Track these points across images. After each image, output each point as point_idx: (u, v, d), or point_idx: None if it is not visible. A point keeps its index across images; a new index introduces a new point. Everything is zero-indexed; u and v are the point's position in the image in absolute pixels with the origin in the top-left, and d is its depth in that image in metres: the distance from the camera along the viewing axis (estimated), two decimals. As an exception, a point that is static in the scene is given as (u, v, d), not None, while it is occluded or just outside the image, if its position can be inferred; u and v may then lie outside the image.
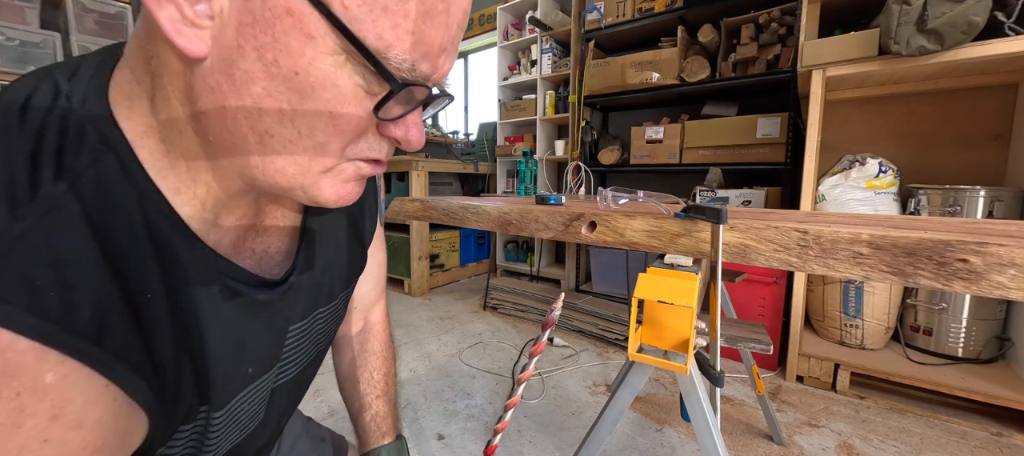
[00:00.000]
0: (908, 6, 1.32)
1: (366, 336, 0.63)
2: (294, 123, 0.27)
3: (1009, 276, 0.38)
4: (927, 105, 1.83)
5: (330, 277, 0.46)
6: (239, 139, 0.27)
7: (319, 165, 0.29)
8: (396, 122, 0.31)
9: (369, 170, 0.33)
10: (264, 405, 0.42)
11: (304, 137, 0.27)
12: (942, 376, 1.48)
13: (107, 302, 0.25)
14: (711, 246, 0.54)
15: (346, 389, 0.62)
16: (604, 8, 2.49)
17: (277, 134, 0.27)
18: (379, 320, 0.65)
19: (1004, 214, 1.49)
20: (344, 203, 0.33)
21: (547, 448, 1.29)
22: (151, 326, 0.28)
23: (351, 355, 0.61)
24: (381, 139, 0.32)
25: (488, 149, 3.49)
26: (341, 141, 0.29)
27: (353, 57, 0.26)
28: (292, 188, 0.30)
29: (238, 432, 0.40)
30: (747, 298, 1.79)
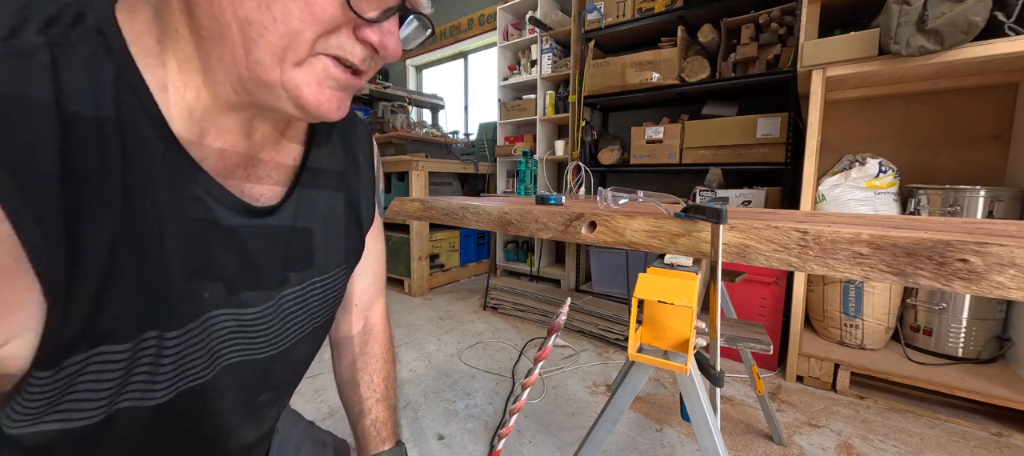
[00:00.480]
0: (908, 6, 1.32)
1: (366, 338, 0.62)
2: (271, 8, 0.29)
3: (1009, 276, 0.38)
4: (927, 105, 1.83)
5: (326, 245, 0.45)
6: (224, 28, 0.29)
7: (293, 55, 0.30)
8: (372, 27, 0.32)
9: (345, 77, 0.33)
10: (256, 376, 0.41)
11: (279, 24, 0.29)
12: (942, 376, 1.48)
13: (41, 157, 0.24)
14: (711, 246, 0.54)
15: (346, 393, 0.61)
16: (604, 8, 2.49)
17: (255, 21, 0.29)
18: (379, 321, 0.64)
19: (1004, 214, 1.49)
20: (326, 111, 0.33)
21: (547, 448, 1.29)
22: (87, 208, 0.27)
23: (351, 358, 0.61)
24: (356, 42, 0.33)
25: (488, 149, 3.49)
26: (313, 29, 0.30)
27: None
28: (272, 83, 0.31)
29: (214, 402, 0.38)
30: (747, 298, 1.79)
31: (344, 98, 0.35)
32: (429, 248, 2.98)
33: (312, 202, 0.43)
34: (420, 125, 3.62)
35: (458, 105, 4.54)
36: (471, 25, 4.09)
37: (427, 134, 3.47)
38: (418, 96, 3.72)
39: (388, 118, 3.37)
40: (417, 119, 3.81)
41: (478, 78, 4.44)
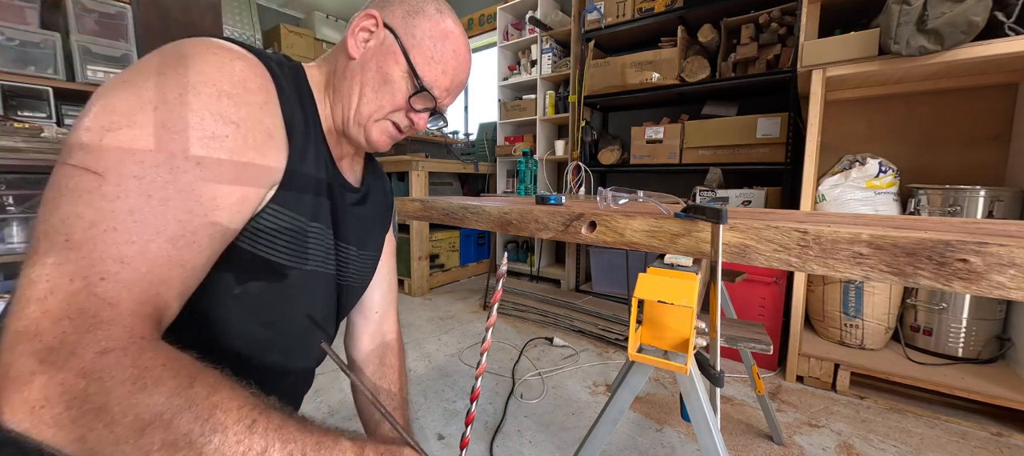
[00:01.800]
0: (908, 6, 1.32)
1: (384, 351, 0.75)
2: (376, 92, 0.57)
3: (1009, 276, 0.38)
4: (927, 105, 1.83)
5: (376, 228, 0.71)
6: (353, 92, 0.57)
7: (376, 115, 0.58)
8: (416, 113, 0.60)
9: (395, 132, 0.61)
10: (324, 286, 0.60)
11: (378, 100, 0.57)
12: (942, 376, 1.48)
13: (289, 99, 0.51)
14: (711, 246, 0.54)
15: (365, 407, 0.70)
16: (604, 8, 2.49)
17: (366, 95, 0.57)
18: (394, 334, 0.78)
19: (1004, 214, 1.49)
20: (380, 147, 0.62)
21: (547, 448, 1.29)
22: (294, 138, 0.51)
23: (371, 370, 0.73)
24: (405, 117, 0.60)
25: (488, 149, 3.49)
26: (391, 107, 0.58)
27: (409, 76, 0.57)
28: (360, 124, 0.58)
29: (307, 302, 0.57)
30: (747, 298, 1.79)
31: (389, 142, 0.62)
32: (429, 248, 2.98)
33: (370, 196, 0.69)
34: (420, 125, 3.62)
35: (458, 105, 4.54)
36: (471, 25, 4.09)
37: (427, 134, 3.47)
38: (418, 96, 3.71)
39: (388, 118, 3.37)
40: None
41: (478, 78, 4.44)
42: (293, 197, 0.50)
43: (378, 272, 0.73)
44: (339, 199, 0.60)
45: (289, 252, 0.52)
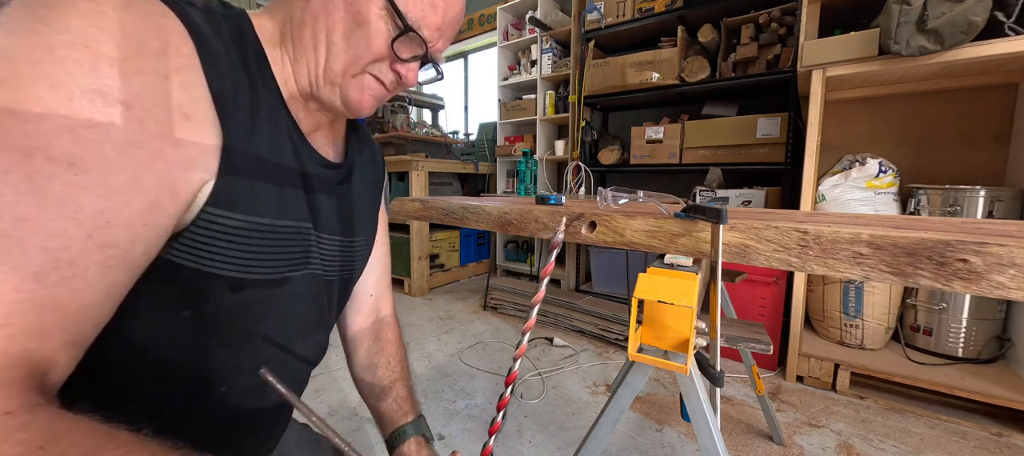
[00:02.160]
0: (908, 6, 1.32)
1: (379, 327, 0.68)
2: (347, 40, 0.43)
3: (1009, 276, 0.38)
4: (927, 105, 1.83)
5: (366, 207, 0.60)
6: (318, 43, 0.44)
7: (352, 67, 0.45)
8: (402, 63, 0.46)
9: (378, 89, 0.48)
10: (318, 294, 0.51)
11: (351, 48, 0.44)
12: (942, 376, 1.48)
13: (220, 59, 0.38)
14: (711, 246, 0.54)
15: (364, 378, 0.65)
16: (604, 8, 2.49)
17: (336, 44, 0.44)
18: (389, 314, 0.71)
19: (1004, 214, 1.49)
20: (361, 107, 0.48)
21: (547, 448, 1.29)
22: (227, 105, 0.38)
23: (367, 346, 0.66)
24: (390, 71, 0.47)
25: (488, 149, 3.49)
26: (369, 56, 0.44)
27: (389, 14, 0.43)
28: (332, 83, 0.45)
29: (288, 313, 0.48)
30: (747, 298, 1.79)
31: (374, 103, 0.49)
32: (429, 248, 2.98)
33: (354, 170, 0.57)
34: (420, 125, 3.63)
35: (458, 105, 4.54)
36: (471, 25, 4.09)
37: (427, 134, 3.47)
38: (418, 96, 3.72)
39: (388, 118, 3.38)
40: (417, 119, 3.81)
41: (478, 78, 4.45)
42: (242, 194, 0.39)
43: (372, 254, 0.65)
44: (316, 184, 0.49)
45: (250, 262, 0.41)
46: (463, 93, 4.54)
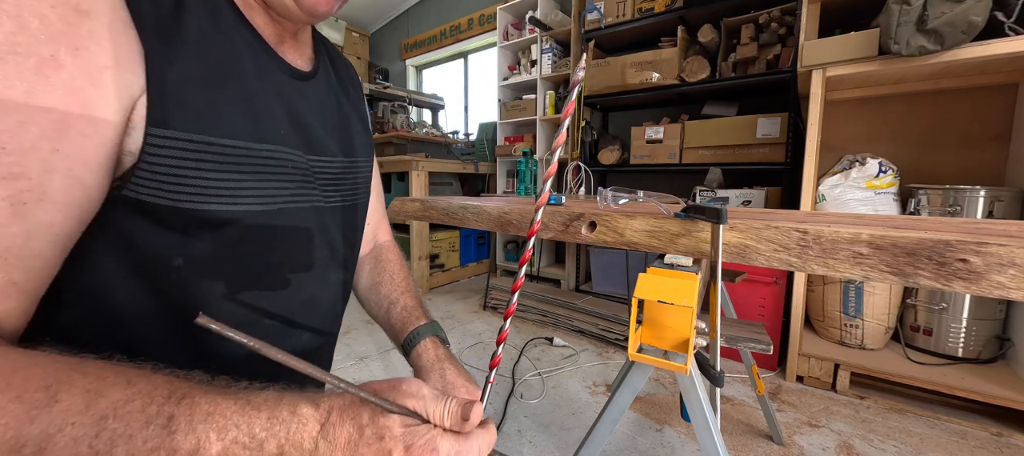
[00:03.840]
0: (908, 6, 1.32)
1: (379, 251, 0.66)
2: None
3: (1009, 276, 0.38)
4: (927, 105, 1.83)
5: (354, 120, 0.55)
6: None
7: None
8: None
9: None
10: (314, 224, 0.46)
11: None
12: (942, 376, 1.48)
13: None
14: (711, 246, 0.54)
15: (370, 298, 0.63)
16: (604, 8, 2.49)
17: None
18: (388, 240, 0.69)
19: (1004, 214, 1.49)
20: (318, 4, 0.40)
21: (547, 448, 1.29)
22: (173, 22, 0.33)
23: (368, 269, 0.64)
24: None
25: (488, 149, 3.49)
26: None
27: None
28: None
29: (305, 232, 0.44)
30: (747, 298, 1.79)
31: (332, 1, 0.41)
32: (429, 248, 2.98)
33: (331, 86, 0.52)
34: (420, 125, 3.63)
35: (458, 105, 4.54)
36: (471, 25, 4.09)
37: (427, 134, 3.47)
38: (418, 96, 3.72)
39: (388, 118, 3.37)
40: (417, 119, 3.81)
41: (478, 78, 4.44)
42: (188, 111, 0.33)
43: None
44: (296, 100, 0.44)
45: (230, 193, 0.36)
46: (463, 93, 4.54)
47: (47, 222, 0.28)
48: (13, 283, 0.27)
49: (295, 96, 0.44)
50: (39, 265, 0.29)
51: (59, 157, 0.27)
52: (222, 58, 0.36)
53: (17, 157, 0.25)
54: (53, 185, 0.28)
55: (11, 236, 0.26)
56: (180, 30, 0.33)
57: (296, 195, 0.42)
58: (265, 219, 0.39)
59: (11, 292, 0.27)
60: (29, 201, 0.27)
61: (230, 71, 0.37)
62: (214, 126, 0.35)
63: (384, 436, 0.30)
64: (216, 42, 0.36)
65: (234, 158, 0.36)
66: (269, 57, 0.42)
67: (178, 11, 0.34)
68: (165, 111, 0.32)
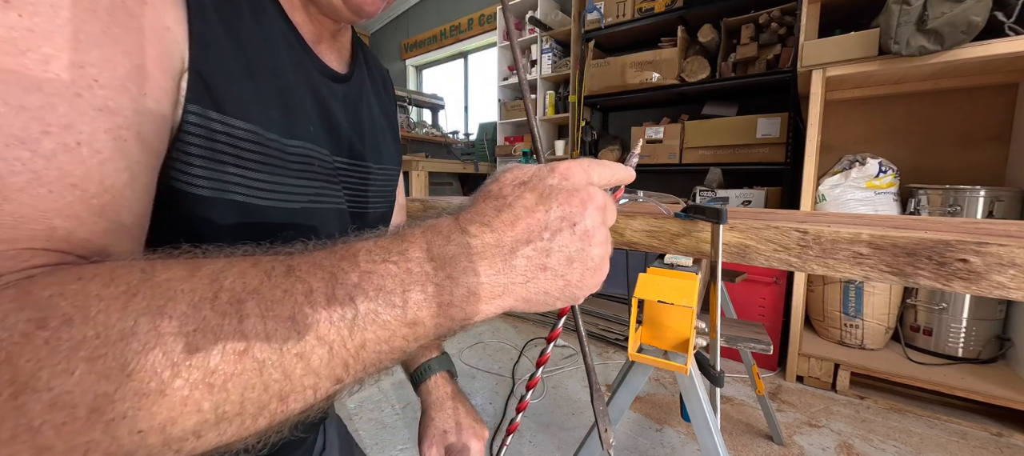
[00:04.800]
0: (908, 6, 1.32)
1: None
2: None
3: (1009, 276, 0.38)
4: (927, 105, 1.83)
5: (385, 127, 0.54)
6: None
7: None
8: None
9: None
10: (334, 226, 0.44)
11: None
12: (942, 376, 1.48)
13: None
14: (711, 246, 0.54)
15: None
16: (604, 8, 2.49)
17: None
18: None
19: (1004, 214, 1.49)
20: (366, 3, 0.40)
21: (547, 448, 1.29)
22: None
23: None
24: None
25: (488, 149, 3.49)
26: None
27: None
28: None
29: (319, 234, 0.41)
30: (747, 298, 1.79)
31: (379, 1, 0.41)
32: (429, 248, 2.98)
33: (365, 90, 0.50)
34: (420, 125, 3.63)
35: (458, 105, 4.54)
36: (471, 25, 4.09)
37: (427, 134, 3.47)
38: (418, 96, 3.72)
39: (388, 118, 3.37)
40: (417, 119, 3.81)
41: (478, 78, 4.45)
42: (235, 95, 0.33)
43: None
44: (329, 100, 0.43)
45: (261, 186, 0.35)
46: (463, 93, 4.54)
47: (144, 164, 0.26)
48: (124, 226, 0.25)
49: (328, 96, 0.43)
50: (141, 210, 0.27)
51: (146, 101, 0.26)
52: (261, 48, 0.35)
53: (111, 91, 0.24)
54: (145, 127, 0.26)
55: (117, 172, 0.24)
56: (223, 13, 0.33)
57: (320, 195, 0.41)
58: (288, 217, 0.38)
59: (123, 236, 0.25)
60: (129, 139, 0.25)
61: (267, 63, 0.36)
62: (253, 115, 0.34)
63: (524, 175, 0.27)
64: (256, 33, 0.35)
65: (266, 150, 0.35)
66: (305, 54, 0.41)
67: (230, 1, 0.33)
68: (207, 90, 0.31)
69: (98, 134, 0.23)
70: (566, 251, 0.25)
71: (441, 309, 0.23)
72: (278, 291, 0.21)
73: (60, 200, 0.22)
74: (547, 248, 0.25)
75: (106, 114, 0.24)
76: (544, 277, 0.25)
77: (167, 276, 0.20)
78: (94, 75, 0.23)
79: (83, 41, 0.23)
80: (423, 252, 0.24)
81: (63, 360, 0.17)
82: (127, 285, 0.19)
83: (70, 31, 0.23)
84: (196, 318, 0.19)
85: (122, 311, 0.18)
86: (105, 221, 0.24)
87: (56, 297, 0.18)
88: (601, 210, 0.27)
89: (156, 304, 0.19)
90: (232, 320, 0.19)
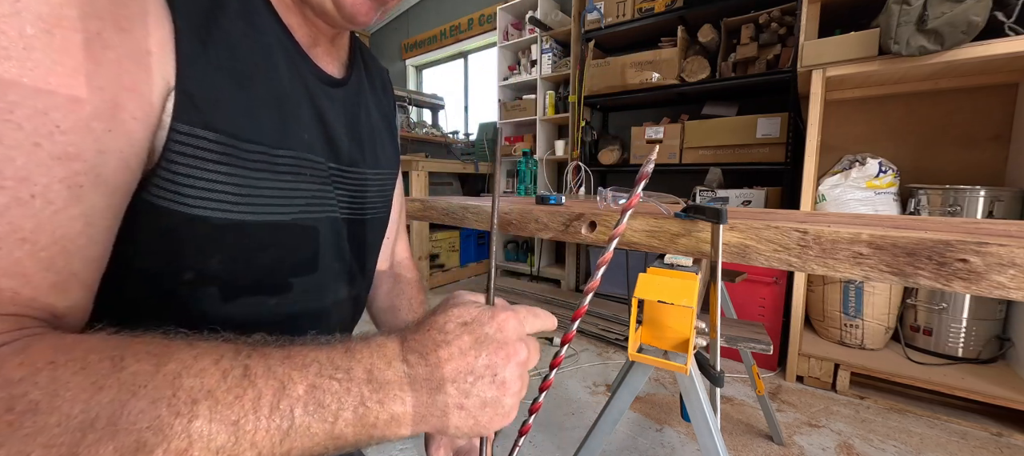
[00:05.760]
0: (908, 6, 1.32)
1: (398, 270, 0.66)
2: None
3: (1009, 276, 0.38)
4: (927, 105, 1.83)
5: (383, 132, 0.54)
6: None
7: None
8: None
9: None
10: (329, 237, 0.44)
11: None
12: (942, 376, 1.48)
13: None
14: (711, 246, 0.54)
15: (387, 320, 0.62)
16: (604, 8, 2.49)
17: None
18: (406, 256, 0.69)
19: (1004, 214, 1.49)
20: (357, 14, 0.40)
21: (547, 448, 1.29)
22: None
23: (387, 287, 0.63)
24: None
25: (488, 149, 3.49)
26: None
27: None
28: None
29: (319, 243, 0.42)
30: (747, 298, 1.79)
31: (372, 9, 0.41)
32: (429, 248, 2.98)
33: (362, 94, 0.50)
34: (420, 125, 3.62)
35: (458, 105, 4.54)
36: (471, 25, 4.09)
37: (427, 134, 3.47)
38: (418, 96, 3.72)
39: (388, 118, 3.37)
40: (417, 119, 3.81)
41: (478, 78, 4.45)
42: (218, 108, 0.32)
43: None
44: (325, 105, 0.43)
45: (248, 201, 0.35)
46: (463, 93, 4.54)
47: (103, 207, 0.27)
48: (74, 275, 0.26)
49: (324, 101, 0.43)
50: (97, 254, 0.27)
51: (112, 137, 0.26)
52: (254, 56, 0.35)
53: (72, 136, 0.24)
54: (107, 167, 0.26)
55: (70, 221, 0.25)
56: (214, 23, 0.33)
57: (311, 203, 0.41)
58: (278, 228, 0.38)
59: (72, 285, 0.26)
60: (86, 184, 0.25)
61: (261, 70, 0.36)
62: (241, 127, 0.34)
63: (468, 315, 0.30)
64: (249, 38, 0.35)
65: (256, 162, 0.35)
66: (301, 59, 0.41)
67: (213, 3, 0.33)
68: (194, 107, 0.31)
69: (53, 184, 0.24)
70: (483, 396, 0.29)
71: (364, 429, 0.26)
72: (230, 395, 0.23)
73: (8, 257, 0.23)
74: (468, 390, 0.28)
75: (64, 162, 0.24)
76: (458, 415, 0.28)
77: (134, 370, 0.22)
78: (57, 121, 0.24)
79: (52, 82, 0.23)
80: (366, 373, 0.27)
81: (20, 443, 0.19)
82: (96, 376, 0.21)
83: (41, 73, 0.23)
84: (151, 415, 0.21)
85: (86, 403, 0.20)
86: (53, 274, 0.25)
87: (27, 382, 0.20)
88: (522, 365, 0.30)
89: (120, 398, 0.21)
90: (183, 420, 0.21)
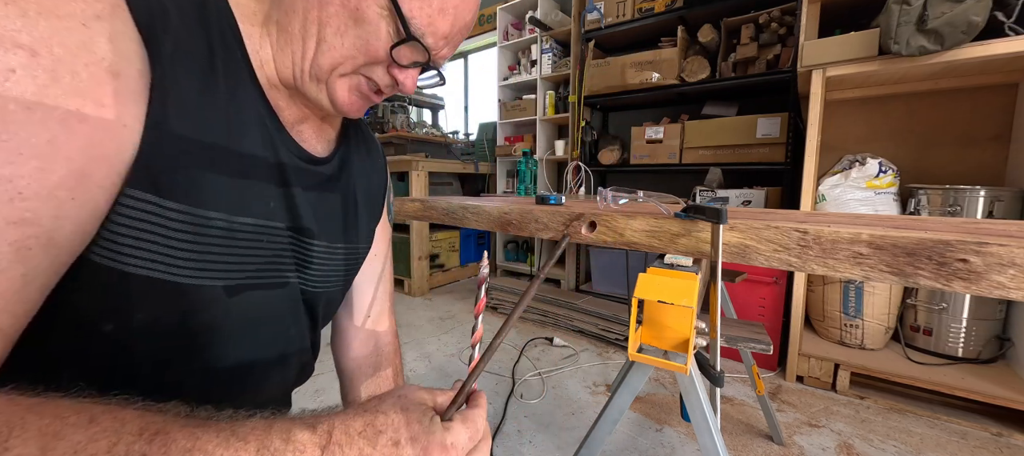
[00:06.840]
0: (908, 6, 1.32)
1: (379, 358, 0.62)
2: (341, 37, 0.39)
3: (1009, 276, 0.38)
4: (927, 105, 1.83)
5: (357, 213, 0.54)
6: (307, 35, 0.39)
7: (341, 70, 0.41)
8: (400, 69, 0.42)
9: (369, 93, 0.44)
10: (285, 304, 0.45)
11: (344, 47, 0.39)
12: (942, 376, 1.48)
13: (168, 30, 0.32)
14: (711, 246, 0.54)
15: (348, 384, 0.61)
16: (604, 8, 2.49)
17: (327, 39, 0.39)
18: (389, 338, 0.64)
19: (1004, 214, 1.49)
20: (350, 111, 0.44)
21: (547, 448, 1.29)
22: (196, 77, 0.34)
23: (366, 378, 0.61)
24: (386, 74, 0.43)
25: (488, 149, 3.49)
26: (363, 58, 0.40)
27: (391, 15, 0.38)
28: (318, 80, 0.41)
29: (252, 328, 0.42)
30: (747, 298, 1.79)
31: (364, 104, 0.45)
32: (429, 248, 2.98)
33: (344, 169, 0.52)
34: (420, 125, 3.63)
35: (458, 105, 4.54)
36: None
37: (427, 134, 3.47)
38: (418, 96, 3.72)
39: (388, 118, 3.38)
40: (417, 119, 3.81)
41: (478, 78, 4.44)
42: (178, 178, 0.33)
43: (370, 267, 0.59)
44: (295, 179, 0.44)
45: (197, 265, 0.35)
46: (463, 93, 4.54)
47: (46, 267, 0.28)
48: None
49: (297, 173, 0.44)
50: (25, 310, 0.28)
51: (74, 205, 0.28)
52: (225, 127, 0.36)
53: (33, 203, 0.26)
54: (61, 232, 0.28)
55: (8, 280, 0.25)
56: (195, 92, 0.34)
57: (263, 270, 0.41)
58: (222, 293, 0.38)
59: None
60: (34, 247, 0.26)
61: (235, 141, 0.37)
62: (196, 196, 0.34)
63: (400, 442, 0.30)
64: (222, 109, 0.36)
65: (206, 230, 0.36)
66: (279, 135, 0.43)
67: (208, 66, 0.35)
68: (149, 176, 0.31)
69: (2, 246, 0.25)
70: None
71: None
72: None
73: None
74: None
75: (19, 226, 0.25)
76: None
77: (17, 454, 0.21)
78: (20, 188, 0.25)
79: (24, 153, 0.25)
80: None
81: None
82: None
83: (13, 146, 0.24)
84: None
85: None
86: None
87: None
88: None
89: None
90: None
